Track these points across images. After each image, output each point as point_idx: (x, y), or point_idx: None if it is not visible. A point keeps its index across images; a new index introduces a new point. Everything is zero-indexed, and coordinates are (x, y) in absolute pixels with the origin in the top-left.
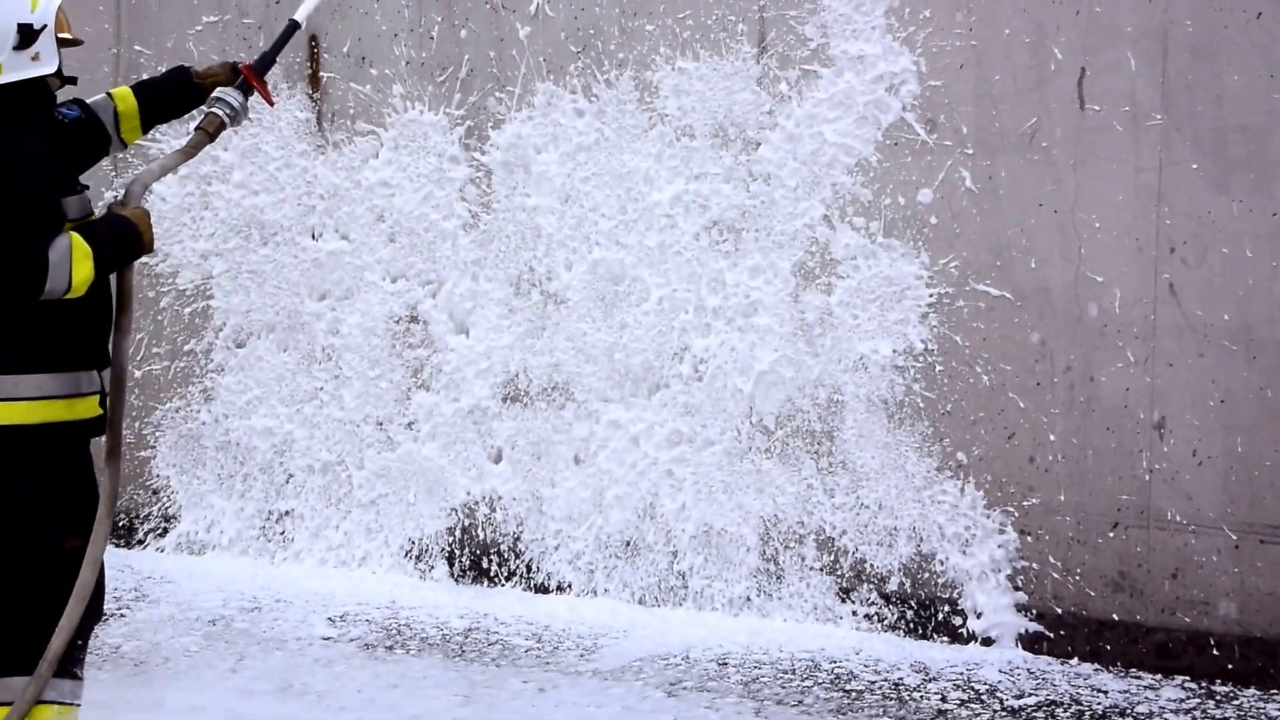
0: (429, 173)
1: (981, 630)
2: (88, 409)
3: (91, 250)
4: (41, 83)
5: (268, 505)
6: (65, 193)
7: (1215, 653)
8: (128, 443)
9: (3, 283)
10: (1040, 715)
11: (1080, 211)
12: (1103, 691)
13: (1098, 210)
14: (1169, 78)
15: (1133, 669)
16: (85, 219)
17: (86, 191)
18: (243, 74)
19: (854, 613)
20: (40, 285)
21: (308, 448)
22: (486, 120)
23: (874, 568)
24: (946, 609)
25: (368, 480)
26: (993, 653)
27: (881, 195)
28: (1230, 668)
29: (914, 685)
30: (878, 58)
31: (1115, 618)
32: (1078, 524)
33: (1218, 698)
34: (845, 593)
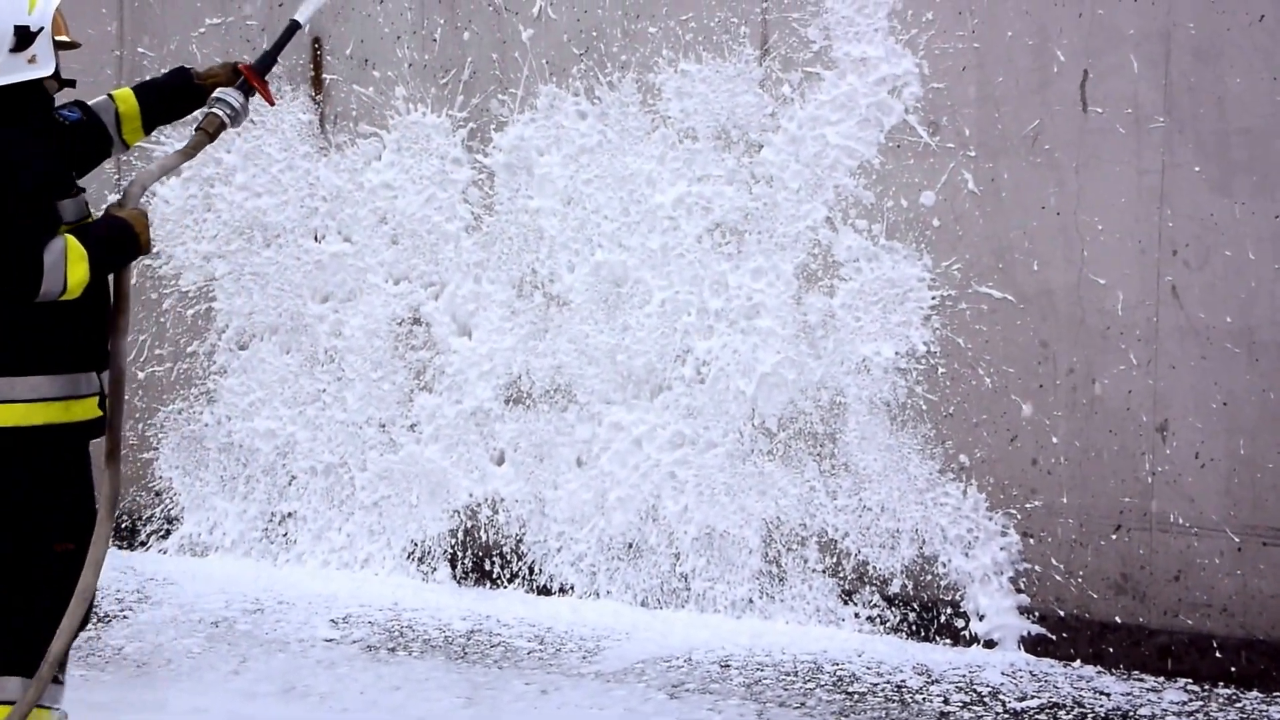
0: (431, 175)
1: (984, 633)
2: (86, 411)
3: (87, 252)
4: (39, 85)
5: (270, 507)
6: (62, 195)
7: (1218, 655)
8: (130, 445)
9: None
10: (1043, 718)
11: (1083, 214)
12: (1105, 694)
13: (1100, 213)
14: (1171, 80)
15: (1135, 671)
16: (82, 221)
17: (84, 194)
18: (243, 74)
19: (856, 615)
20: (36, 287)
21: (310, 450)
22: (489, 122)
23: (876, 570)
24: (949, 611)
25: (370, 482)
26: (995, 655)
27: (884, 197)
28: (1233, 670)
29: (916, 687)
30: (880, 60)
31: (1118, 620)
32: (1080, 526)
33: (1220, 700)
34: (848, 595)
